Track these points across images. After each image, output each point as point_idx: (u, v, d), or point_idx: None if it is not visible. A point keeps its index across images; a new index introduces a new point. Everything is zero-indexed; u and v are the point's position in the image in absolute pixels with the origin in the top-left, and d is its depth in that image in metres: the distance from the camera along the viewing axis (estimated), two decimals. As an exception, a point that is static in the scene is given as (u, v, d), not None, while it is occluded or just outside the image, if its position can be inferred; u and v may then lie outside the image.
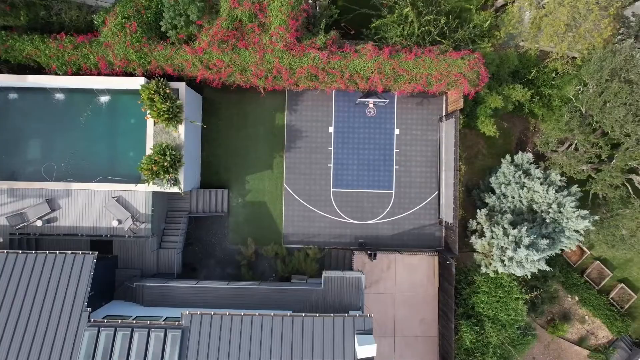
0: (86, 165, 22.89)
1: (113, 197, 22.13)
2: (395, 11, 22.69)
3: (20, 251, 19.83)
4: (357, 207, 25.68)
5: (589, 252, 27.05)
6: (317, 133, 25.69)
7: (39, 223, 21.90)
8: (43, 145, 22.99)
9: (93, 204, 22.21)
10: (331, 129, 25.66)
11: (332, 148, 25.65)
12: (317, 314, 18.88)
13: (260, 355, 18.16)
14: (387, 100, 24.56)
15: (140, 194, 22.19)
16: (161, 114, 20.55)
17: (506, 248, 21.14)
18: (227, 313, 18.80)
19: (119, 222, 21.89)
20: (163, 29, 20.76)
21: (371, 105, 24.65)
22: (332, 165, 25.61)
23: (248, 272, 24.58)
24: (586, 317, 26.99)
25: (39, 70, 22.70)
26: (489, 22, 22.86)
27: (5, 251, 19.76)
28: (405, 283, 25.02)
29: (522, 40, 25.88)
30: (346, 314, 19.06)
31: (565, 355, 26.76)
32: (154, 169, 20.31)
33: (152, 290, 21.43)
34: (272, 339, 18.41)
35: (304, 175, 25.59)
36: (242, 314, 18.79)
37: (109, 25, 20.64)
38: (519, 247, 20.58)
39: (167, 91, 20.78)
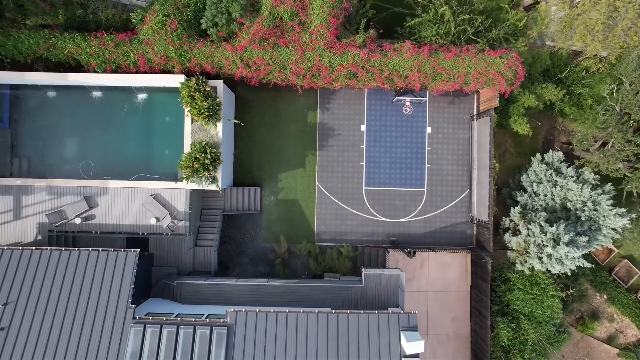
0: (122, 163, 22.94)
1: (150, 195, 22.15)
2: (430, 10, 22.76)
3: (63, 248, 19.89)
4: (389, 205, 25.76)
5: (616, 251, 27.18)
6: (349, 131, 25.76)
7: (77, 220, 21.92)
8: (80, 143, 23.03)
9: (130, 202, 22.23)
10: (363, 127, 25.73)
11: (364, 146, 25.72)
12: (361, 311, 18.95)
13: (306, 352, 18.22)
14: (425, 99, 24.65)
15: (178, 191, 22.22)
16: (201, 111, 20.60)
17: (544, 245, 21.25)
18: (272, 310, 18.86)
19: (157, 219, 21.92)
20: (204, 26, 20.79)
21: (408, 103, 24.74)
22: (364, 163, 25.68)
23: (283, 270, 24.62)
24: (615, 315, 27.11)
25: (75, 68, 22.75)
26: (524, 21, 22.95)
27: (49, 248, 19.80)
28: (438, 281, 25.12)
29: (551, 40, 26.02)
30: (390, 311, 19.13)
31: (595, 353, 26.89)
32: (195, 166, 20.35)
33: (191, 287, 21.46)
34: (317, 336, 18.46)
35: (337, 173, 25.66)
36: (287, 311, 18.85)
37: (150, 22, 20.67)
38: (558, 244, 20.68)
39: (207, 89, 20.82)
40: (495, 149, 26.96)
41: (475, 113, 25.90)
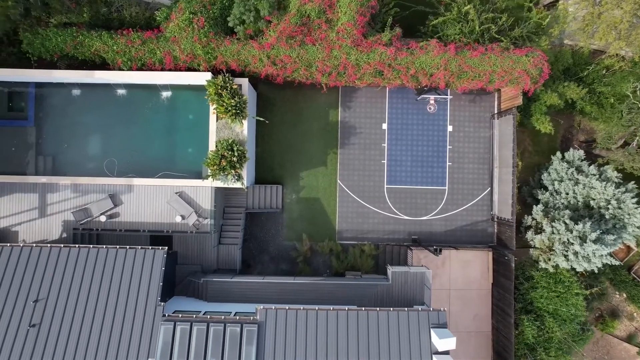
0: (146, 161, 22.93)
1: (176, 193, 22.15)
2: (453, 9, 22.78)
3: (91, 246, 19.87)
4: (411, 203, 25.79)
5: (635, 249, 27.22)
6: (371, 129, 25.79)
7: (102, 218, 21.92)
8: (104, 141, 23.01)
9: (155, 200, 22.23)
10: (385, 126, 25.75)
11: (385, 144, 25.74)
12: (391, 308, 18.99)
13: (337, 349, 18.23)
14: (450, 97, 24.68)
15: (203, 189, 22.22)
16: (229, 109, 20.60)
17: (571, 243, 21.29)
18: (301, 308, 18.87)
19: (182, 217, 21.92)
20: (231, 24, 20.79)
21: (432, 101, 24.77)
22: (386, 161, 25.70)
23: (306, 268, 24.65)
24: (635, 314, 27.17)
25: (97, 66, 22.72)
26: (548, 19, 22.98)
27: (77, 245, 19.79)
28: (460, 279, 25.17)
29: (570, 39, 26.09)
30: (420, 308, 19.16)
31: (614, 352, 26.94)
32: (223, 164, 20.36)
33: (217, 285, 21.46)
34: (348, 333, 18.48)
35: (358, 171, 25.68)
36: (316, 308, 18.87)
37: (176, 20, 20.67)
38: (585, 242, 20.73)
39: (234, 87, 20.83)
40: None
41: (496, 112, 25.93)
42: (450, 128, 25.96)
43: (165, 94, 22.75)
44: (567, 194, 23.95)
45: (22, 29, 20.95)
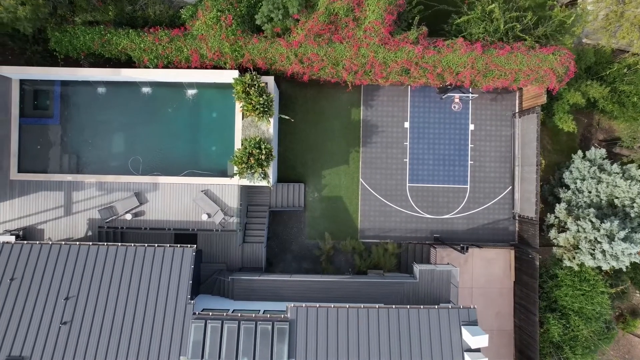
0: (170, 159, 22.93)
1: (201, 191, 22.15)
2: (476, 8, 22.79)
3: (119, 244, 19.87)
4: (433, 201, 25.81)
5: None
6: (393, 128, 25.80)
7: (128, 217, 21.91)
8: (129, 139, 23.01)
9: (180, 198, 22.23)
10: (407, 124, 25.77)
11: (407, 143, 25.76)
12: (421, 306, 19.00)
13: (369, 347, 18.25)
14: (476, 95, 24.70)
15: (229, 187, 22.23)
16: (256, 107, 20.60)
17: (598, 242, 21.33)
18: (332, 306, 18.88)
19: (208, 215, 21.92)
20: (258, 22, 20.80)
21: (457, 100, 24.79)
22: (408, 160, 25.72)
23: (329, 267, 24.65)
24: (655, 312, 27.21)
25: (124, 64, 22.74)
26: (572, 18, 23.01)
27: (105, 244, 19.78)
28: (482, 277, 25.21)
29: (589, 37, 26.15)
30: (450, 306, 19.18)
31: (635, 351, 26.98)
32: (251, 161, 20.36)
33: (244, 284, 21.46)
34: (379, 331, 18.50)
35: (380, 170, 25.70)
36: (347, 306, 18.88)
37: (204, 18, 20.66)
38: (614, 240, 20.77)
39: (262, 85, 20.83)
40: (537, 146, 27.07)
41: (517, 110, 25.96)
42: (471, 127, 25.99)
43: (191, 92, 22.74)
44: (590, 192, 23.98)
45: (50, 27, 20.91)
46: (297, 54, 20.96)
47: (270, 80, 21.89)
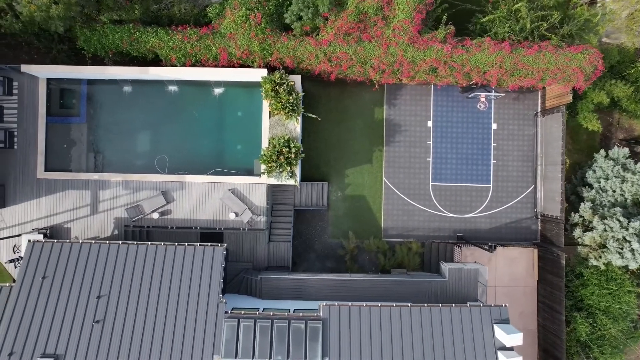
0: (196, 157, 22.93)
1: (229, 190, 22.14)
2: (499, 7, 22.82)
3: (149, 243, 19.85)
4: (456, 200, 25.83)
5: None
6: (416, 127, 25.82)
7: (155, 215, 21.90)
8: (154, 137, 23.00)
9: (207, 197, 22.22)
10: (430, 123, 25.79)
11: (430, 142, 25.78)
12: (453, 305, 19.02)
13: (402, 345, 18.26)
14: (502, 94, 24.73)
15: (256, 186, 22.21)
16: (285, 106, 20.60)
17: (627, 241, 21.36)
18: (364, 304, 18.90)
19: (236, 214, 21.90)
20: (287, 20, 20.80)
21: (483, 99, 24.82)
22: (431, 159, 25.74)
23: (353, 266, 24.66)
24: (676, 311, 27.24)
25: (149, 63, 22.70)
26: (598, 17, 23.05)
27: (135, 242, 19.76)
28: (505, 276, 25.23)
29: (609, 37, 26.21)
30: (481, 304, 19.21)
31: (656, 348, 27.01)
32: (281, 160, 20.36)
33: (272, 282, 21.47)
34: (412, 330, 18.52)
35: (403, 169, 25.71)
36: (379, 305, 18.89)
37: (232, 16, 20.65)
38: (644, 239, 20.83)
39: (291, 83, 20.83)
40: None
41: (539, 109, 26.00)
42: (494, 126, 26.02)
43: (218, 90, 22.72)
44: (614, 191, 24.01)
45: (79, 26, 20.86)
46: (326, 53, 20.96)
47: (297, 79, 21.88)
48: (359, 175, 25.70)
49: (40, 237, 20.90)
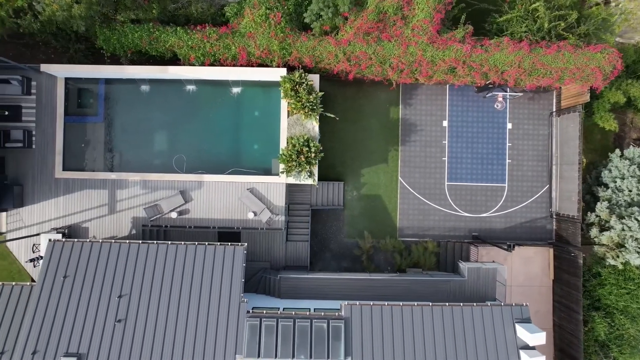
0: (214, 157, 22.94)
1: (247, 189, 22.13)
2: (516, 6, 22.85)
3: (169, 242, 19.82)
4: (471, 200, 25.85)
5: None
6: (431, 127, 25.84)
7: (173, 215, 21.90)
8: (172, 136, 22.99)
9: (226, 196, 22.22)
10: (445, 123, 25.81)
11: (446, 142, 25.80)
12: (474, 304, 19.03)
13: (424, 344, 18.27)
14: (520, 94, 24.74)
15: (275, 185, 22.22)
16: (305, 105, 20.60)
17: (647, 240, 21.43)
18: (386, 304, 18.90)
19: (254, 214, 21.90)
20: (307, 20, 20.80)
21: (500, 98, 24.83)
22: (446, 159, 25.76)
23: (370, 265, 24.67)
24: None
25: (167, 62, 22.69)
26: (616, 16, 23.08)
27: (155, 242, 19.74)
28: (521, 275, 25.25)
29: (621, 37, 26.25)
30: (502, 303, 19.22)
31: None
32: (301, 159, 20.36)
33: (291, 282, 21.48)
34: (433, 329, 18.52)
35: (419, 168, 25.73)
36: (400, 304, 18.90)
37: (252, 15, 20.64)
38: (663, 239, 20.86)
39: (310, 83, 20.84)
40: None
41: (555, 109, 26.02)
42: (509, 125, 26.04)
43: (236, 89, 22.71)
44: (630, 191, 24.03)
45: (98, 25, 20.85)
46: (345, 52, 20.97)
47: (315, 78, 21.89)
48: (375, 174, 25.71)
49: (59, 236, 20.87)
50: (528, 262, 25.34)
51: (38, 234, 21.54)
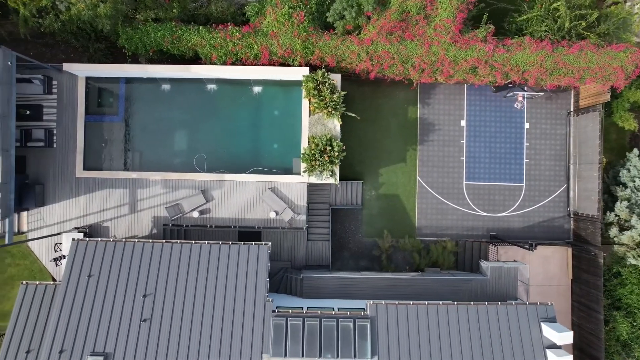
0: (234, 156, 22.89)
1: (269, 188, 22.11)
2: (535, 6, 22.86)
3: (193, 241, 19.78)
4: (489, 200, 25.85)
5: None
6: (449, 126, 25.84)
7: (195, 214, 21.87)
8: (192, 136, 22.94)
9: (247, 195, 22.19)
10: (463, 122, 25.81)
11: (464, 141, 25.80)
12: (499, 303, 19.03)
13: (450, 343, 18.25)
14: (542, 93, 24.75)
15: (296, 185, 22.20)
16: (328, 104, 20.59)
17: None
18: (411, 303, 18.89)
19: (276, 213, 21.87)
20: (330, 19, 20.79)
21: (520, 98, 24.84)
22: (464, 158, 25.76)
23: (389, 265, 24.66)
24: None
25: (187, 61, 22.68)
26: (637, 14, 23.10)
27: (179, 241, 19.69)
28: (539, 275, 25.24)
29: (638, 36, 26.26)
30: (527, 302, 19.22)
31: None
32: (325, 159, 20.35)
33: (313, 281, 21.47)
34: (459, 327, 18.51)
35: (437, 168, 25.73)
36: (426, 303, 18.89)
37: (274, 14, 20.62)
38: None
39: (333, 82, 20.83)
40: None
41: (572, 109, 26.03)
42: (527, 125, 26.05)
43: (257, 89, 22.69)
44: (649, 190, 24.08)
45: (120, 24, 20.82)
46: (368, 52, 20.96)
47: (337, 77, 21.86)
48: (393, 174, 25.70)
49: (81, 235, 20.83)
50: (546, 262, 25.33)
51: (59, 233, 21.51)
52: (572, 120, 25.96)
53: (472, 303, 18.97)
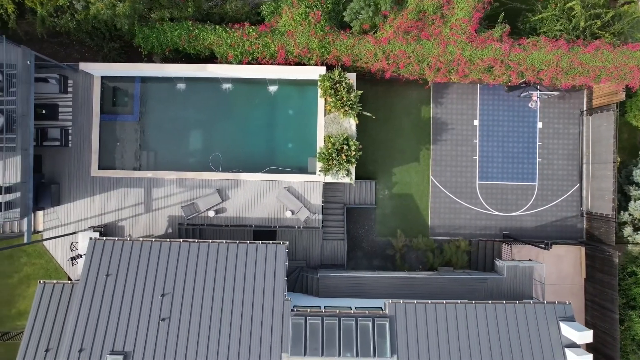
0: (249, 155, 22.87)
1: (284, 188, 22.11)
2: (549, 5, 22.88)
3: (210, 241, 19.78)
4: (502, 199, 25.87)
5: None
6: (463, 126, 25.85)
7: (211, 213, 21.86)
8: (208, 135, 22.92)
9: (262, 195, 22.19)
10: (476, 122, 25.83)
11: (477, 141, 25.82)
12: (517, 302, 19.04)
13: (469, 342, 18.27)
14: (557, 93, 24.76)
15: (312, 184, 22.20)
16: (345, 103, 20.59)
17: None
18: (429, 302, 18.90)
19: (292, 212, 21.87)
20: (347, 18, 20.79)
21: (535, 97, 24.86)
22: (477, 157, 25.77)
23: (403, 264, 24.66)
24: None
25: (202, 60, 22.66)
26: (651, 14, 23.15)
27: (197, 240, 19.70)
28: (553, 274, 25.27)
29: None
30: (545, 301, 19.23)
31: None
32: (343, 158, 20.35)
33: (329, 281, 21.46)
34: (478, 326, 18.53)
35: (450, 167, 25.74)
36: (444, 302, 18.90)
37: (291, 14, 20.62)
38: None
39: (350, 81, 20.83)
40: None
41: (585, 108, 26.05)
42: (540, 125, 26.07)
43: (271, 88, 22.68)
44: (663, 189, 24.11)
45: (136, 23, 20.81)
46: (384, 51, 20.97)
47: (353, 77, 21.85)
48: (406, 173, 25.71)
49: (97, 234, 20.82)
50: (559, 261, 25.37)
51: (75, 233, 21.50)
52: (585, 120, 25.98)
53: (489, 302, 18.99)
